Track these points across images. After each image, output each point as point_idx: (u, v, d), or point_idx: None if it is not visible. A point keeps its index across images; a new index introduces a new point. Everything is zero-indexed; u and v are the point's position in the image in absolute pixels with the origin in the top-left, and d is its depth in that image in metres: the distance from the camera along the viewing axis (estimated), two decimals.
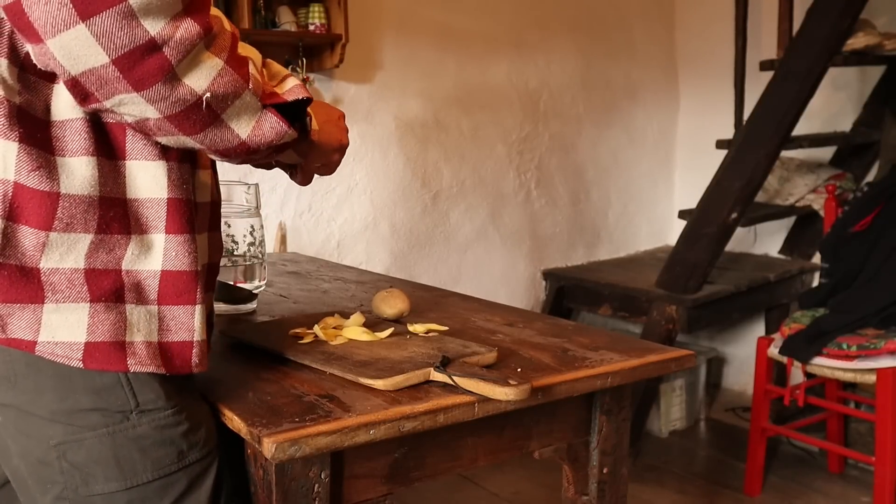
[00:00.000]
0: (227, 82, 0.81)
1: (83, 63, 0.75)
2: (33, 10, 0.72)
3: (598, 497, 1.25)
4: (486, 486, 2.80)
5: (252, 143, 0.87)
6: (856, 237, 2.72)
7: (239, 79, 0.83)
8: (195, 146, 0.86)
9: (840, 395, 2.97)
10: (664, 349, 1.26)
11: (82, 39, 0.73)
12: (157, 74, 0.76)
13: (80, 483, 0.90)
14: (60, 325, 0.85)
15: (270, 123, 0.87)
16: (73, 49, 0.74)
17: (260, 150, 0.89)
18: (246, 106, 0.84)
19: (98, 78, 0.76)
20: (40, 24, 0.73)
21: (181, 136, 0.83)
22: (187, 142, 0.85)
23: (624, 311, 3.25)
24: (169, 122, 0.81)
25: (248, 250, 1.54)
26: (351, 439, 0.93)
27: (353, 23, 2.74)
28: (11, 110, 0.82)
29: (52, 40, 0.73)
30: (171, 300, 0.90)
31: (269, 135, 0.87)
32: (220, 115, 0.83)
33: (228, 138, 0.85)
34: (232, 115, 0.84)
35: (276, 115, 0.88)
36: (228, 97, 0.82)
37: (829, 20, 2.73)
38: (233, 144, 0.86)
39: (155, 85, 0.77)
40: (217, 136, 0.84)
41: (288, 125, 0.89)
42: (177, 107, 0.79)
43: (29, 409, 0.88)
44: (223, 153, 0.88)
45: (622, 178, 3.87)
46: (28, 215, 0.83)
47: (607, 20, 3.70)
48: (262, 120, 0.86)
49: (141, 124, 0.82)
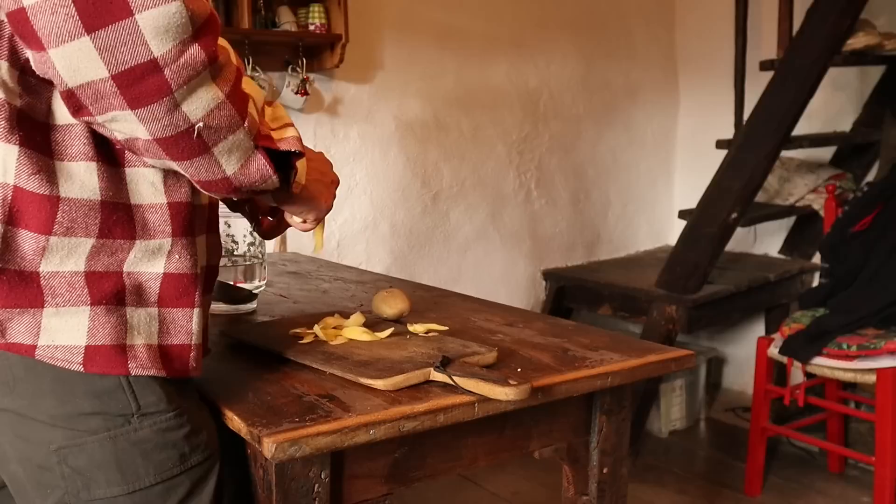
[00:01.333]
0: (223, 116, 0.80)
1: (82, 75, 0.74)
2: (38, 19, 0.72)
3: (598, 497, 1.25)
4: (486, 486, 2.80)
5: (236, 182, 0.86)
6: (856, 237, 2.71)
7: (236, 115, 0.82)
8: (180, 171, 0.85)
9: (840, 395, 2.97)
10: (664, 349, 1.26)
11: (85, 52, 0.73)
12: (155, 95, 0.75)
13: (82, 488, 0.89)
14: (60, 328, 0.85)
15: (258, 166, 0.86)
16: (74, 60, 0.73)
17: (242, 188, 0.87)
18: (238, 143, 0.83)
19: (95, 91, 0.75)
20: (45, 33, 0.72)
21: (168, 160, 0.82)
22: (171, 165, 0.83)
23: (624, 311, 3.25)
24: (158, 144, 0.79)
25: (248, 250, 1.54)
26: (351, 439, 0.93)
27: (353, 23, 2.74)
28: (12, 113, 0.82)
29: (54, 50, 0.73)
30: (171, 303, 0.90)
31: (254, 176, 0.86)
32: (211, 147, 0.81)
33: (214, 171, 0.84)
34: (223, 150, 0.82)
35: (266, 159, 0.86)
36: (222, 131, 0.81)
37: (829, 20, 2.73)
38: (216, 178, 0.85)
39: (150, 105, 0.76)
40: (203, 166, 0.83)
41: (274, 171, 0.87)
42: (168, 131, 0.78)
43: (28, 413, 0.88)
44: (205, 185, 0.86)
45: (622, 178, 3.87)
46: (28, 219, 0.83)
47: (607, 20, 3.70)
48: (251, 160, 0.85)
49: (130, 143, 0.81)
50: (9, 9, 0.73)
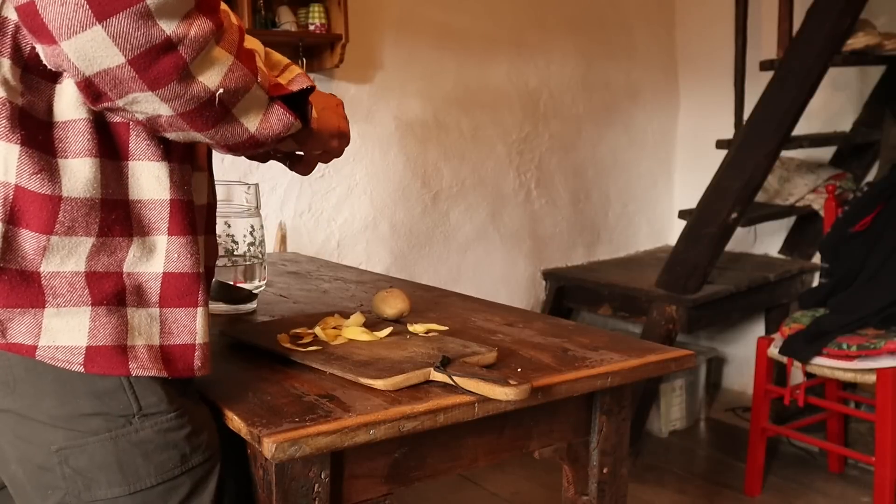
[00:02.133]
0: (237, 77, 0.81)
1: (98, 64, 0.74)
2: (48, 12, 0.72)
3: (598, 497, 1.25)
4: (486, 486, 2.80)
5: (260, 137, 0.87)
6: (856, 237, 2.71)
7: (248, 73, 0.83)
8: (204, 141, 0.86)
9: (840, 395, 2.97)
10: (664, 349, 1.26)
11: (99, 41, 0.73)
12: (173, 73, 0.76)
13: (83, 489, 0.89)
14: (61, 329, 0.84)
15: (278, 116, 0.88)
16: (88, 50, 0.73)
17: (268, 142, 0.89)
18: (255, 100, 0.85)
19: (113, 78, 0.76)
20: (55, 25, 0.72)
21: (192, 132, 0.83)
22: (196, 136, 0.85)
23: (624, 311, 3.25)
24: (182, 119, 0.81)
25: (248, 250, 1.54)
26: (351, 439, 0.93)
27: (353, 23, 2.74)
28: (13, 112, 0.81)
29: (66, 42, 0.73)
30: (174, 302, 0.89)
31: (277, 127, 0.88)
32: (231, 110, 0.83)
33: (238, 133, 0.85)
34: (242, 110, 0.84)
35: (283, 107, 0.88)
36: (239, 92, 0.82)
37: (829, 20, 2.73)
38: (242, 139, 0.86)
39: (170, 84, 0.77)
40: (228, 131, 0.85)
41: (294, 116, 0.89)
42: (191, 104, 0.79)
43: (28, 414, 0.87)
44: (232, 147, 0.88)
45: (622, 178, 3.87)
46: (29, 219, 0.83)
47: (607, 20, 3.70)
48: (270, 112, 0.87)
49: (152, 121, 0.82)
50: (17, 2, 0.73)
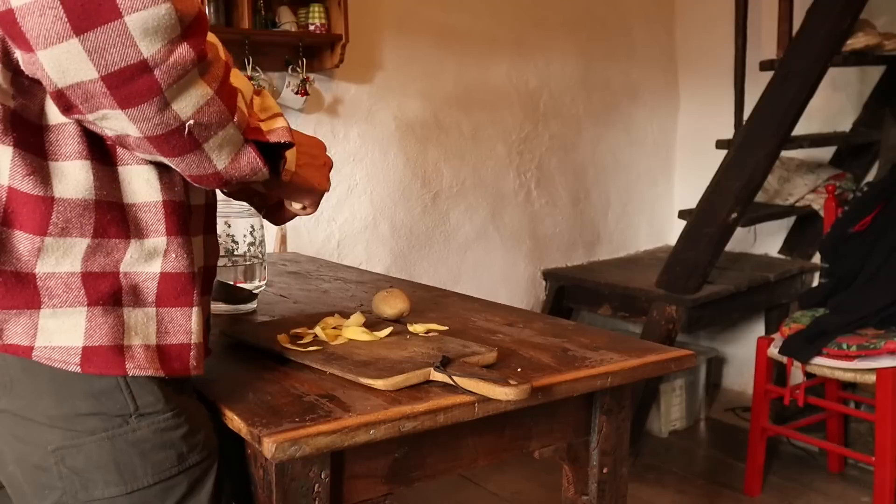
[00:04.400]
0: (213, 112, 0.81)
1: (72, 77, 0.74)
2: (26, 21, 0.71)
3: (598, 497, 1.25)
4: (486, 486, 2.80)
5: (226, 175, 0.87)
6: (856, 237, 2.71)
7: (226, 111, 0.82)
8: (171, 165, 0.86)
9: (840, 395, 2.96)
10: (664, 349, 1.26)
11: (74, 54, 0.72)
12: (145, 95, 0.76)
13: (80, 488, 0.89)
14: (57, 329, 0.84)
15: (248, 159, 0.87)
16: (63, 62, 0.73)
17: (233, 181, 0.89)
18: (228, 139, 0.84)
19: (84, 92, 0.75)
20: (33, 34, 0.72)
21: (158, 156, 0.83)
22: (163, 160, 0.84)
23: (624, 311, 3.25)
24: (149, 142, 0.80)
25: (248, 250, 1.54)
26: (351, 439, 0.93)
27: (353, 23, 2.74)
28: (6, 115, 0.82)
29: (42, 52, 0.73)
30: (170, 302, 0.89)
31: (245, 169, 0.87)
32: (202, 143, 0.82)
33: (205, 166, 0.85)
34: (213, 146, 0.83)
35: (255, 152, 0.87)
36: (212, 127, 0.82)
37: (829, 20, 2.73)
38: (208, 173, 0.86)
39: (140, 105, 0.76)
40: (194, 162, 0.84)
41: (264, 163, 0.88)
42: (159, 129, 0.79)
43: (25, 414, 0.87)
44: (196, 179, 0.87)
45: (622, 178, 3.87)
46: (22, 220, 0.83)
47: (607, 20, 3.70)
48: (241, 154, 0.86)
49: (121, 139, 0.81)
50: None
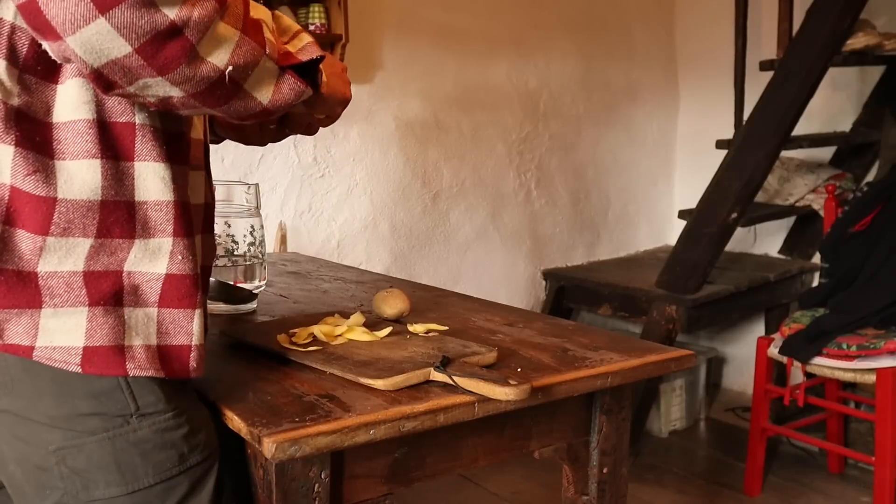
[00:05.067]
0: (245, 52, 0.81)
1: (106, 55, 0.74)
2: (50, 9, 0.71)
3: (598, 497, 1.25)
4: (486, 486, 2.80)
5: (272, 107, 0.87)
6: (856, 237, 2.71)
7: (257, 46, 0.83)
8: (218, 115, 0.86)
9: (840, 395, 2.96)
10: (664, 349, 1.26)
11: (104, 33, 0.72)
12: (181, 57, 0.76)
13: (81, 489, 0.89)
14: (58, 329, 0.84)
15: (289, 85, 0.88)
16: (94, 43, 0.73)
17: (280, 110, 0.89)
18: (265, 72, 0.85)
19: (122, 67, 0.75)
20: (59, 21, 0.72)
21: (205, 109, 0.83)
22: (210, 111, 0.85)
23: (624, 311, 3.25)
24: (194, 98, 0.81)
25: (248, 250, 1.54)
26: (351, 439, 0.93)
27: (353, 23, 2.74)
28: (8, 113, 0.82)
29: (71, 37, 0.73)
30: (173, 304, 0.89)
31: (289, 96, 0.88)
32: (243, 85, 0.83)
33: (252, 106, 0.86)
34: (253, 84, 0.84)
35: (294, 76, 0.88)
36: (249, 67, 0.82)
37: (828, 20, 2.73)
38: (256, 111, 0.87)
39: (179, 67, 0.76)
40: (241, 105, 0.85)
41: (305, 84, 0.89)
42: (201, 85, 0.79)
43: (26, 414, 0.87)
44: (245, 118, 0.88)
45: (622, 178, 3.86)
46: (24, 220, 0.83)
47: (607, 20, 3.70)
48: (281, 83, 0.87)
49: (164, 102, 0.81)
50: (19, 1, 0.73)
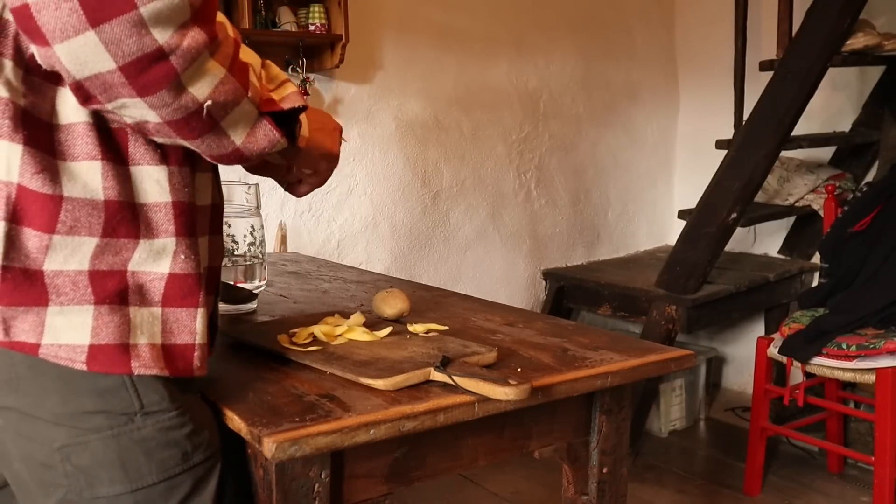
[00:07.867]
0: (227, 90, 0.82)
1: (90, 68, 0.75)
2: (42, 15, 0.72)
3: (598, 497, 1.25)
4: (486, 486, 2.80)
5: (245, 151, 0.88)
6: (855, 237, 2.71)
7: (239, 87, 0.83)
8: (190, 148, 0.87)
9: (840, 394, 2.97)
10: (664, 349, 1.26)
11: (91, 46, 0.73)
12: (163, 82, 0.77)
13: (85, 486, 0.89)
14: (64, 327, 0.85)
15: (264, 131, 0.88)
16: (80, 55, 0.74)
17: (252, 156, 0.90)
18: (243, 114, 0.85)
19: (103, 83, 0.76)
20: (49, 28, 0.72)
21: (178, 139, 0.84)
22: (182, 143, 0.86)
23: (624, 311, 3.26)
24: (168, 126, 0.81)
25: (248, 250, 1.54)
26: (351, 439, 0.93)
27: (353, 23, 2.74)
28: (17, 112, 0.82)
29: (59, 45, 0.73)
30: (176, 302, 0.90)
31: (262, 142, 0.89)
32: (219, 122, 0.83)
33: (224, 144, 0.86)
34: (230, 123, 0.85)
35: (271, 124, 0.89)
36: (228, 105, 0.83)
37: (828, 20, 2.73)
38: (227, 150, 0.87)
39: (159, 92, 0.77)
40: (213, 142, 0.85)
41: (281, 134, 0.90)
42: (178, 113, 0.80)
43: (31, 412, 0.88)
44: (216, 158, 0.89)
45: (622, 178, 3.87)
46: (31, 218, 0.83)
47: (607, 20, 3.70)
48: (257, 128, 0.88)
49: (140, 125, 0.82)
50: (13, 5, 0.73)
